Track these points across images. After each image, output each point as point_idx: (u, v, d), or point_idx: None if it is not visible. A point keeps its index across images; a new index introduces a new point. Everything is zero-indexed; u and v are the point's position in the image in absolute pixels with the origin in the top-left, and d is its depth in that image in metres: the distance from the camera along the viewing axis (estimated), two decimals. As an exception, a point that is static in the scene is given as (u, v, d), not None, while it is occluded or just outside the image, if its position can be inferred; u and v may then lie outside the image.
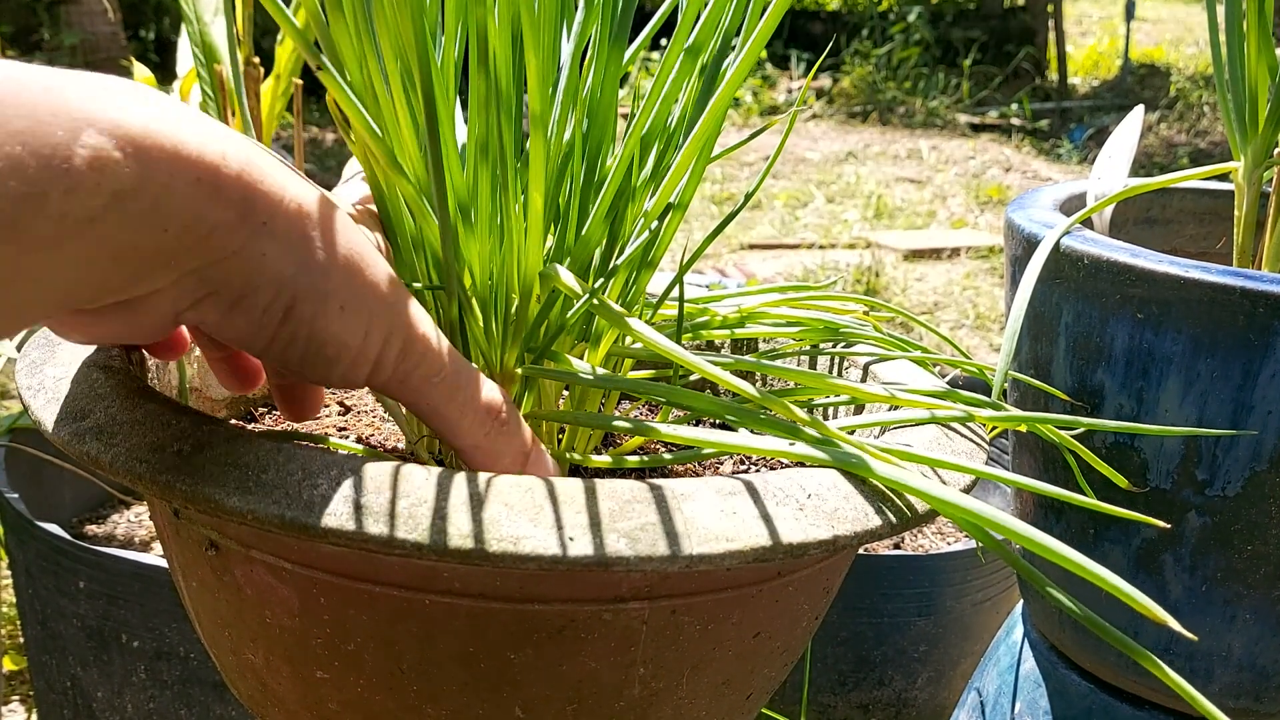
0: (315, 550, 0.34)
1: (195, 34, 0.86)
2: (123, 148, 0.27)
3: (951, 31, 6.05)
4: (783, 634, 0.41)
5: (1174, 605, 0.52)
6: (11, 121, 0.25)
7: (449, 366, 0.36)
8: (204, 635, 0.42)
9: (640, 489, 0.33)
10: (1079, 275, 0.50)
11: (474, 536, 0.30)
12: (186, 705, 0.82)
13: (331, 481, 0.32)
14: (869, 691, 0.93)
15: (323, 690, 0.38)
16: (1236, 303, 0.45)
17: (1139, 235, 0.66)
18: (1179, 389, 0.48)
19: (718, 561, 0.31)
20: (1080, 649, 0.58)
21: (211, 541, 0.37)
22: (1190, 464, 0.48)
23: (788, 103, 5.22)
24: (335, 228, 0.33)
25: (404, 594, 0.34)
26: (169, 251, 0.29)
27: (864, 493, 0.35)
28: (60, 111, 0.26)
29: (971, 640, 0.94)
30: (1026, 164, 4.22)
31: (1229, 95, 0.55)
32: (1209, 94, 5.16)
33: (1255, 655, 0.51)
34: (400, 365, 0.35)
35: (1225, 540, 0.49)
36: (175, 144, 0.28)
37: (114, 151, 0.27)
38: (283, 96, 0.92)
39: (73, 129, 0.26)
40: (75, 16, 4.21)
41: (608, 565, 0.31)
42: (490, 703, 0.36)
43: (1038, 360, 0.54)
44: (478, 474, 0.33)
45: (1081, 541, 0.54)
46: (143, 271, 0.29)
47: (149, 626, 0.80)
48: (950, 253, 3.03)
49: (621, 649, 0.36)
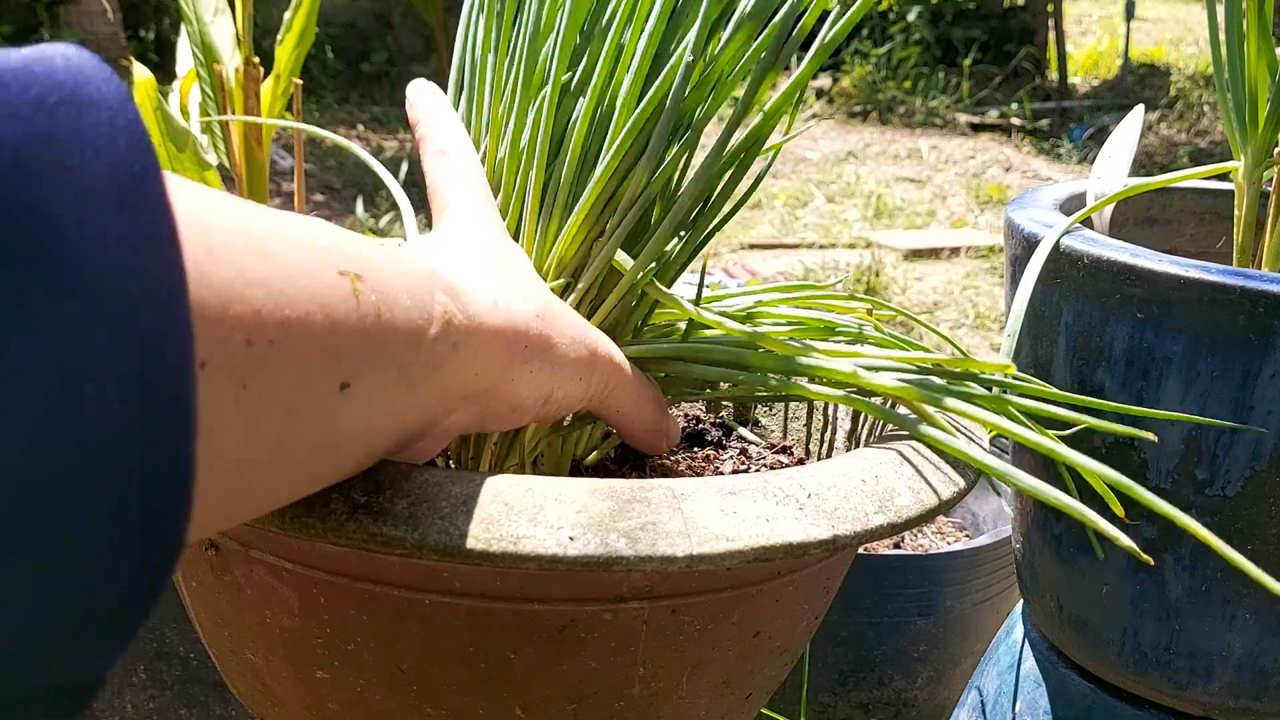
0: (315, 550, 0.34)
1: (195, 34, 0.86)
2: (460, 307, 0.31)
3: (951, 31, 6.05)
4: (783, 634, 0.41)
5: (1174, 604, 0.52)
6: (396, 278, 0.29)
7: (630, 373, 0.41)
8: (204, 635, 0.42)
9: (641, 488, 0.33)
10: (1079, 275, 0.50)
11: (474, 536, 0.30)
12: (187, 705, 0.82)
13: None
14: (869, 691, 0.93)
15: (323, 690, 0.38)
16: (1237, 302, 0.45)
17: (1139, 235, 0.66)
18: (1179, 389, 0.48)
19: (718, 561, 0.31)
20: (1080, 649, 0.58)
21: (211, 541, 0.37)
22: (1190, 464, 0.48)
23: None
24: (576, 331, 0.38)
25: (404, 594, 0.34)
26: (476, 392, 0.33)
27: (864, 492, 0.35)
28: (417, 269, 0.30)
29: (972, 640, 0.94)
30: (1026, 163, 4.22)
31: (1229, 94, 0.55)
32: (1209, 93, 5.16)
33: (1255, 655, 0.51)
34: (605, 394, 0.40)
35: (1225, 540, 0.49)
36: (495, 313, 0.34)
37: (454, 309, 0.31)
38: (283, 96, 0.92)
39: (429, 287, 0.30)
40: (75, 16, 4.21)
41: (608, 565, 0.31)
42: (490, 702, 0.36)
43: (1037, 360, 0.54)
44: (477, 473, 0.33)
45: (1082, 540, 0.54)
46: (452, 407, 0.33)
47: (149, 626, 0.80)
48: (950, 252, 3.03)
49: (622, 649, 0.36)
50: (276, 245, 0.24)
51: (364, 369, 0.27)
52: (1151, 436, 0.39)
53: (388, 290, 0.28)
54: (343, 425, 0.27)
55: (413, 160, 3.57)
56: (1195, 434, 0.48)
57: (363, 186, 3.52)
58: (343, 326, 0.26)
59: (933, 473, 0.39)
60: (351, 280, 0.26)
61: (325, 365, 0.25)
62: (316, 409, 0.26)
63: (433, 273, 0.31)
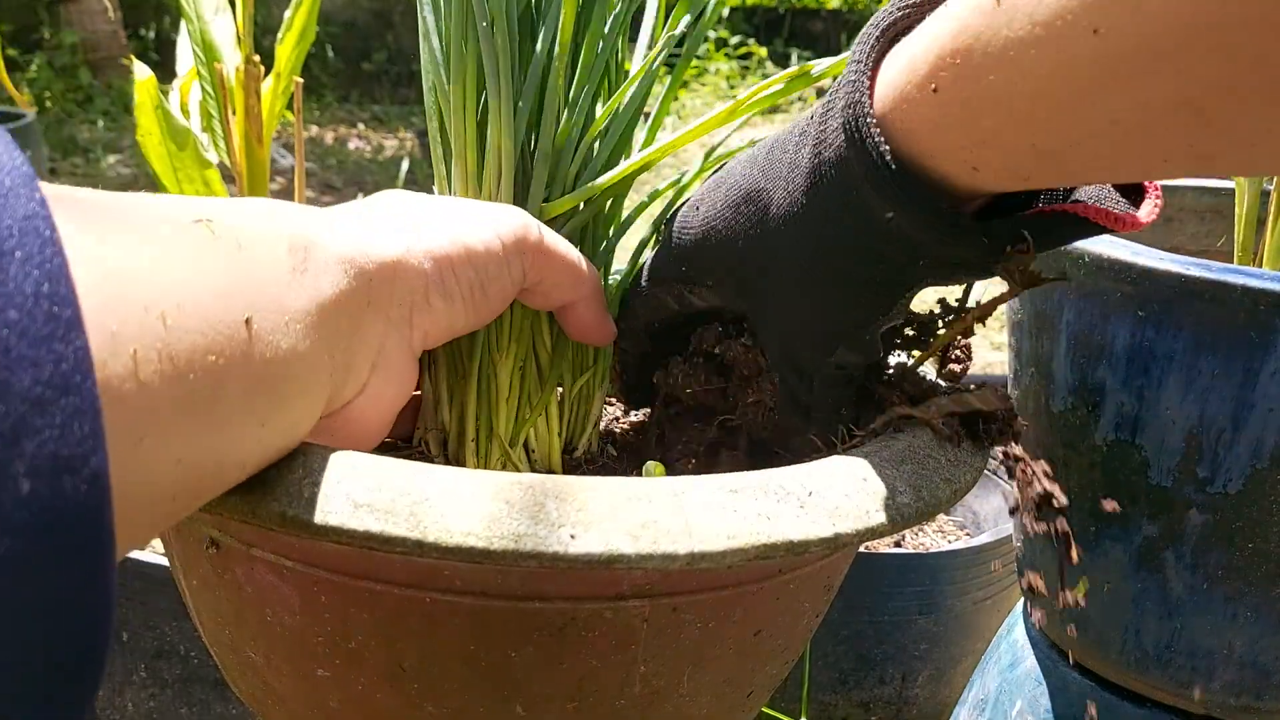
0: (316, 548, 0.34)
1: (195, 32, 0.86)
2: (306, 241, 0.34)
3: (952, 30, 6.04)
4: (784, 632, 0.41)
5: (1175, 602, 0.52)
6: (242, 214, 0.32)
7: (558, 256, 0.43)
8: (205, 633, 0.42)
9: (641, 486, 0.33)
10: (1080, 273, 0.50)
11: (475, 534, 0.30)
12: (187, 704, 0.82)
13: (333, 479, 0.32)
14: (870, 690, 0.93)
15: (324, 688, 0.38)
16: (1238, 300, 0.45)
17: (1140, 233, 0.66)
18: (1180, 387, 0.48)
19: (719, 559, 0.31)
20: (1082, 647, 0.58)
21: (212, 539, 0.37)
22: (1191, 461, 0.48)
23: (788, 101, 5.22)
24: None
25: (405, 592, 0.34)
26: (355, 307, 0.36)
27: (865, 490, 0.35)
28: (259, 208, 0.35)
29: (972, 639, 0.94)
30: (1027, 162, 4.21)
31: (1230, 93, 0.55)
32: (1210, 92, 5.14)
33: (1256, 653, 0.51)
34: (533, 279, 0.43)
35: (1227, 538, 0.49)
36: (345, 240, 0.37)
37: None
38: (283, 95, 0.92)
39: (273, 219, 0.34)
40: (75, 15, 4.21)
41: (609, 563, 0.31)
42: (491, 700, 0.36)
43: (1039, 357, 0.54)
44: (478, 471, 0.33)
45: (1083, 538, 0.54)
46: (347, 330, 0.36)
47: (150, 625, 0.80)
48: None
49: (622, 647, 0.36)
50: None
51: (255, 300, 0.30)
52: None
53: (238, 225, 0.31)
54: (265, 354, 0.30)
55: (413, 159, 3.57)
56: (1196, 431, 0.48)
57: (363, 185, 3.52)
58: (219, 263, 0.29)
59: (934, 470, 0.39)
60: (205, 225, 0.29)
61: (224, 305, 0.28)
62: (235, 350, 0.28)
63: (274, 211, 0.34)
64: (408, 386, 0.40)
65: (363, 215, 0.39)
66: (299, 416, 0.33)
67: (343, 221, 0.37)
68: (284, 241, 0.33)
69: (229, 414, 0.28)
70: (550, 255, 0.42)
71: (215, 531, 0.37)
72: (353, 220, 0.38)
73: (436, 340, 0.40)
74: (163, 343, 0.25)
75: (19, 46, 4.21)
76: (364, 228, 0.37)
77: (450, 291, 0.39)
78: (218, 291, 0.28)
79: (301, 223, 0.35)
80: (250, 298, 0.30)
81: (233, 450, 0.30)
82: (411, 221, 0.39)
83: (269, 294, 0.31)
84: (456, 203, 0.42)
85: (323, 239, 0.34)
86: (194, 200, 0.31)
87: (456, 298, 0.39)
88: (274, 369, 0.30)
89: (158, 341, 0.25)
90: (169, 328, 0.26)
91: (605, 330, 0.47)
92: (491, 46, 0.44)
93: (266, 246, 0.32)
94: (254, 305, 0.30)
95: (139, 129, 0.84)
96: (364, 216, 0.38)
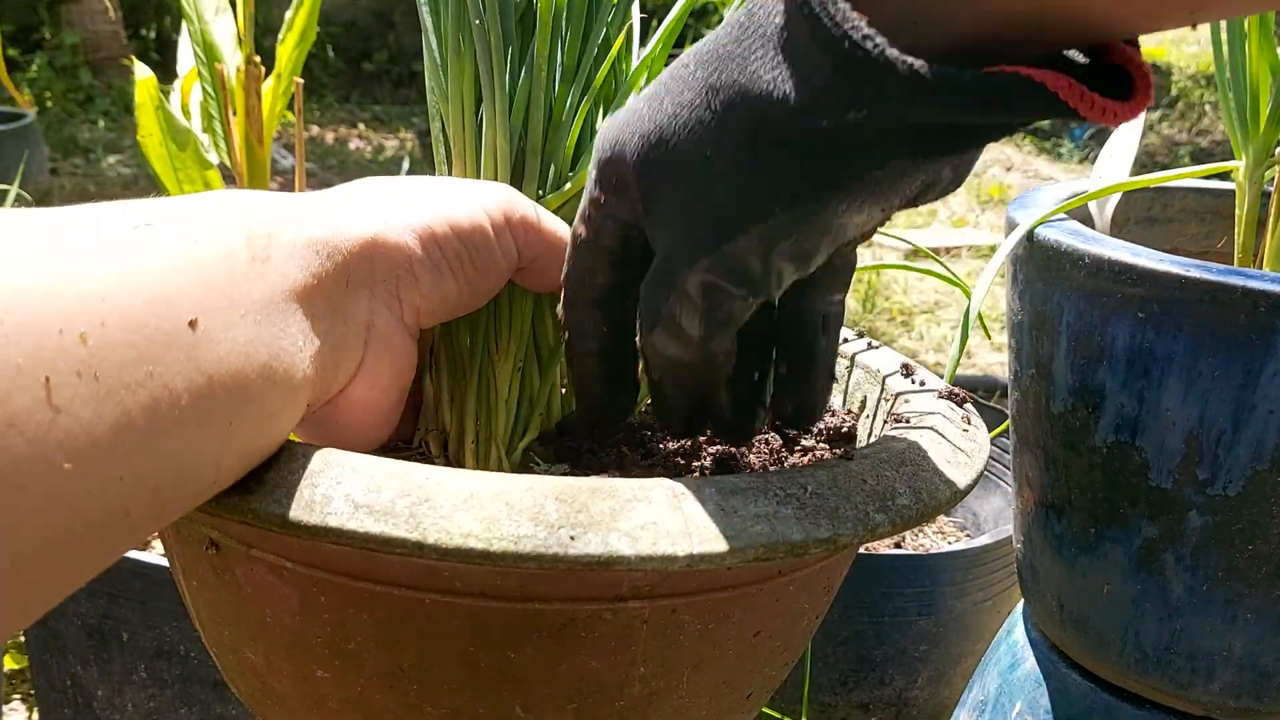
0: (316, 549, 0.34)
1: (196, 33, 0.86)
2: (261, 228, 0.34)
3: (952, 30, 6.04)
4: (783, 633, 0.41)
5: (1175, 604, 0.52)
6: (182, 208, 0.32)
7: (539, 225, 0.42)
8: (204, 634, 0.42)
9: (641, 487, 0.33)
10: (1080, 274, 0.50)
11: (475, 535, 0.30)
12: (187, 704, 0.82)
13: (332, 480, 0.32)
14: (870, 691, 0.93)
15: (323, 689, 0.38)
16: (1238, 302, 0.45)
17: (1140, 234, 0.66)
18: (1180, 388, 0.48)
19: (719, 560, 0.31)
20: (1081, 648, 0.58)
21: (212, 540, 0.37)
22: (1191, 463, 0.48)
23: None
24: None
25: (404, 593, 0.34)
26: (331, 289, 0.35)
27: (865, 491, 0.35)
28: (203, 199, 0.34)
29: (972, 640, 0.94)
30: (1028, 163, 4.21)
31: (1230, 94, 0.55)
32: (1210, 93, 5.15)
33: (1256, 655, 0.51)
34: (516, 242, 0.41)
35: (1226, 539, 0.49)
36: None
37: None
38: (284, 95, 0.92)
39: (220, 207, 0.33)
40: (76, 15, 4.21)
41: (608, 564, 0.31)
42: (490, 702, 0.36)
43: (1039, 359, 0.54)
44: (478, 472, 0.33)
45: (1083, 540, 0.54)
46: (320, 312, 0.35)
47: (149, 625, 0.80)
48: (951, 251, 3.03)
49: (622, 648, 0.36)
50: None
51: (202, 298, 0.29)
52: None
53: (188, 223, 0.31)
54: (215, 354, 0.29)
55: (413, 159, 3.57)
56: (1196, 433, 0.48)
57: (364, 186, 3.52)
58: (158, 266, 0.28)
59: (934, 471, 0.39)
60: (144, 230, 0.29)
61: (161, 311, 0.28)
62: (178, 354, 0.28)
63: (237, 203, 0.33)
64: (406, 367, 0.39)
65: (339, 199, 0.38)
66: (275, 408, 0.32)
67: (316, 206, 0.36)
68: (241, 232, 0.32)
69: (179, 421, 0.28)
70: (542, 231, 0.41)
71: (215, 532, 0.37)
72: (327, 204, 0.37)
73: (432, 318, 0.39)
74: (83, 364, 0.25)
75: (20, 47, 4.21)
76: (338, 210, 0.37)
77: (438, 265, 0.38)
78: (151, 298, 0.28)
79: (266, 212, 0.34)
80: (196, 298, 0.29)
81: (193, 456, 0.29)
82: (392, 200, 0.39)
83: (218, 289, 0.30)
84: (441, 181, 0.41)
85: (288, 225, 0.34)
86: (143, 204, 0.31)
87: (445, 272, 0.39)
88: (231, 365, 0.30)
89: (77, 364, 0.25)
90: (90, 347, 0.25)
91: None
92: (486, 46, 0.44)
93: (219, 241, 0.31)
94: (200, 305, 0.29)
95: (140, 129, 0.84)
96: (340, 200, 0.38)
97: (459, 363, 0.46)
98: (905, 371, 0.50)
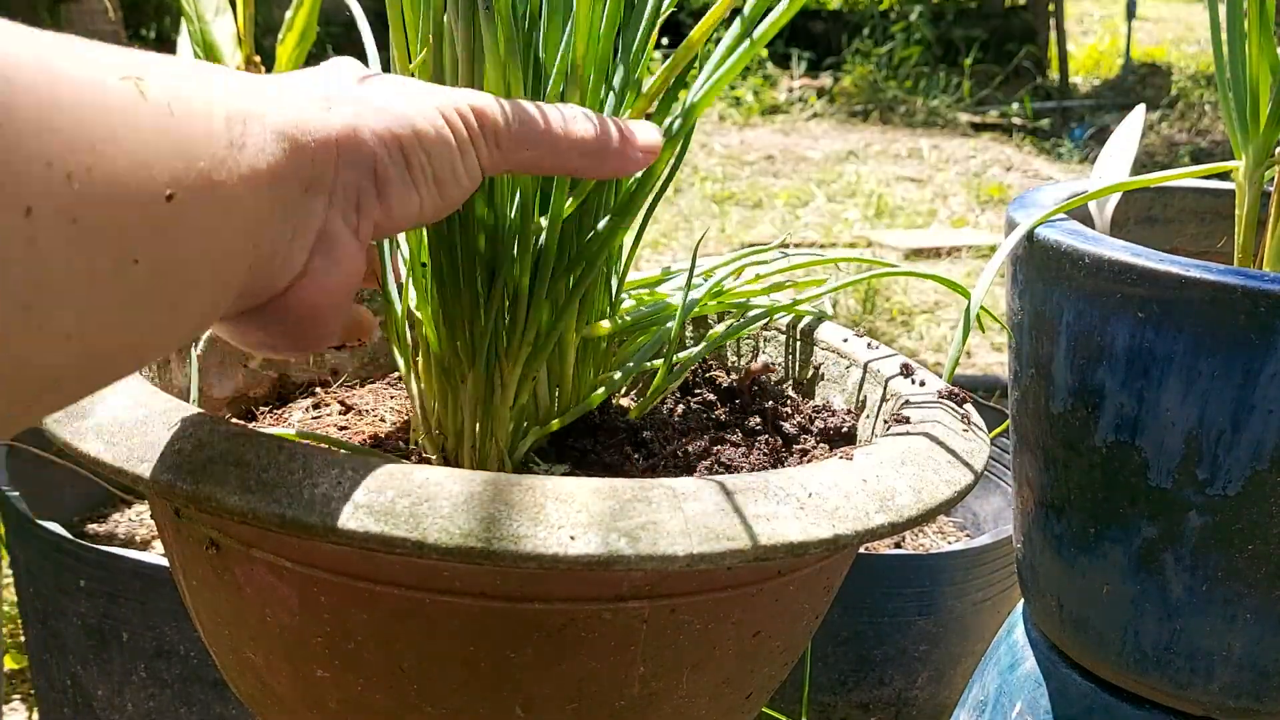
0: (316, 549, 0.34)
1: (196, 33, 0.86)
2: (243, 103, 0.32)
3: (953, 30, 6.04)
4: (783, 633, 0.41)
5: (1175, 604, 0.52)
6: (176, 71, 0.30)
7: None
8: (204, 634, 0.42)
9: (641, 487, 0.33)
10: (1080, 274, 0.50)
11: (475, 535, 0.30)
12: (187, 704, 0.82)
13: (332, 480, 0.32)
14: (869, 691, 0.93)
15: (322, 689, 0.38)
16: (1238, 302, 0.45)
17: (1140, 234, 0.66)
18: (1180, 388, 0.48)
19: (718, 560, 0.31)
20: (1081, 648, 0.58)
21: (212, 540, 0.37)
22: (1191, 463, 0.48)
23: (788, 101, 5.22)
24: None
25: (404, 593, 0.34)
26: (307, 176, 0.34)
27: (865, 491, 0.35)
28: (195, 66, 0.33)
29: (972, 640, 0.94)
30: (1028, 163, 4.21)
31: (1230, 94, 0.55)
32: (1210, 93, 5.15)
33: (1256, 655, 0.51)
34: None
35: (1226, 540, 0.49)
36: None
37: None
38: (283, 95, 0.92)
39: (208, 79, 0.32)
40: (76, 15, 4.21)
41: (608, 564, 0.31)
42: (490, 702, 0.36)
43: (1039, 359, 0.54)
44: (478, 473, 0.33)
45: (1083, 540, 0.54)
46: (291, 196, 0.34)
47: (149, 625, 0.80)
48: (951, 252, 3.03)
49: (621, 648, 0.36)
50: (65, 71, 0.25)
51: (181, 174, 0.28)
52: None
53: (172, 88, 0.29)
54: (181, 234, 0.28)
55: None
56: (1196, 433, 0.48)
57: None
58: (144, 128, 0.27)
59: (934, 472, 0.39)
60: (134, 82, 0.27)
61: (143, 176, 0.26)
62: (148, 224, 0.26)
63: (213, 76, 0.32)
64: (354, 274, 0.37)
65: (312, 88, 0.36)
66: (215, 299, 0.31)
67: (287, 91, 0.35)
68: (222, 111, 0.30)
69: (134, 294, 0.27)
70: (515, 138, 0.39)
71: (215, 532, 0.37)
72: (297, 91, 0.35)
73: (392, 229, 0.38)
74: (65, 205, 0.24)
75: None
76: (307, 101, 0.35)
77: (403, 177, 0.37)
78: (137, 160, 0.26)
79: (242, 91, 0.32)
80: (175, 171, 0.27)
81: (132, 334, 0.28)
82: (363, 98, 0.37)
83: (198, 169, 0.28)
84: (413, 83, 0.39)
85: (262, 111, 0.32)
86: (127, 53, 0.29)
87: (408, 183, 0.37)
88: (192, 250, 0.29)
89: (59, 201, 0.24)
90: (76, 190, 0.24)
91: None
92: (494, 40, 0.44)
93: (203, 116, 0.30)
94: (178, 180, 0.28)
95: (139, 129, 0.84)
96: (313, 90, 0.36)
97: (451, 364, 0.46)
98: (905, 372, 0.51)
